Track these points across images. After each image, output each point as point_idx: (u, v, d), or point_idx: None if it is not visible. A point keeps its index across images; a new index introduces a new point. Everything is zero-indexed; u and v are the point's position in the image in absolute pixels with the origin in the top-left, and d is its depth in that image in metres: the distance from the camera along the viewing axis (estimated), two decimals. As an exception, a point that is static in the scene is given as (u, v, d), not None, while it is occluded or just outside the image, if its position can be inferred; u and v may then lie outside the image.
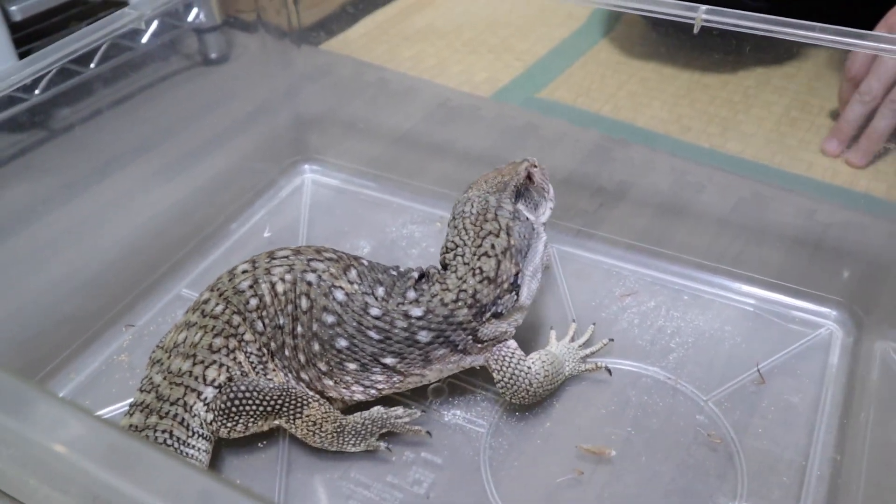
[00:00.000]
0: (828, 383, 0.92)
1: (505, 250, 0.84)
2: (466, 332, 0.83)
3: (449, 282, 0.84)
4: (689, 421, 0.88)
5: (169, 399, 0.82)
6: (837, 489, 0.81)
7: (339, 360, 0.83)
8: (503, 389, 0.86)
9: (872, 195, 1.09)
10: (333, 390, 0.84)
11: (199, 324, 0.86)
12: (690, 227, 1.13)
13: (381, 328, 0.82)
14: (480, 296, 0.83)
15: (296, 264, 0.86)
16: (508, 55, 1.57)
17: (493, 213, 0.86)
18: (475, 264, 0.83)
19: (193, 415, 0.82)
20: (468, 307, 0.82)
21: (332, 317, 0.82)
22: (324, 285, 0.84)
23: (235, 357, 0.84)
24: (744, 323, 1.00)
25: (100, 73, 1.04)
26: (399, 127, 1.32)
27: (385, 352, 0.82)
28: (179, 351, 0.84)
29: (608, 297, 1.04)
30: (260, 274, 0.86)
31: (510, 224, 0.85)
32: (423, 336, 0.82)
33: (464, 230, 0.86)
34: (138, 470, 0.49)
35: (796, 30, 0.87)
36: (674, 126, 1.29)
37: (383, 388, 0.85)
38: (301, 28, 1.30)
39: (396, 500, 0.82)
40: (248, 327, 0.85)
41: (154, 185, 1.15)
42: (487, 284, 0.83)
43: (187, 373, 0.83)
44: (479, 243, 0.84)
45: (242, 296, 0.86)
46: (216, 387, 0.82)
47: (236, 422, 0.82)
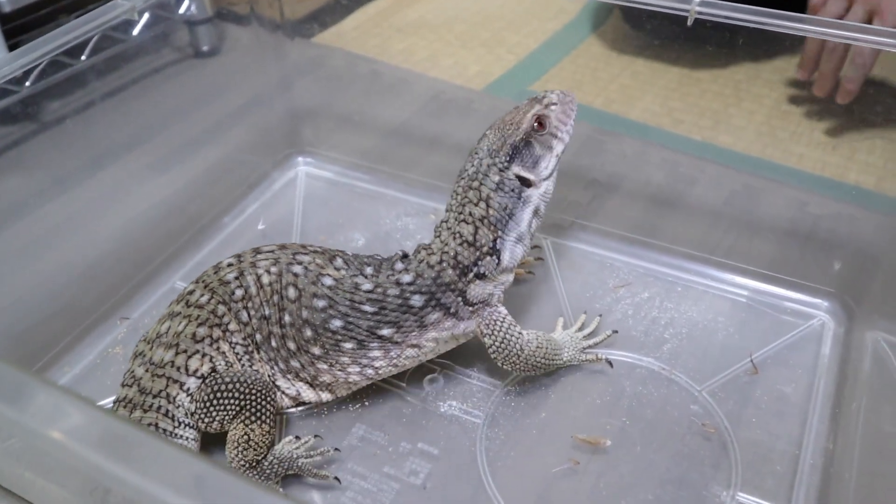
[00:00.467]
0: (820, 373, 0.93)
1: (482, 218, 0.86)
2: (455, 293, 0.85)
3: (434, 246, 0.87)
4: (684, 411, 0.89)
5: (151, 392, 0.81)
6: (830, 478, 0.82)
7: (334, 342, 0.83)
8: (495, 354, 0.87)
9: (862, 187, 1.10)
10: (328, 374, 0.85)
11: (182, 313, 0.85)
12: (683, 218, 1.14)
13: (374, 300, 0.83)
14: (461, 257, 0.85)
15: (281, 257, 0.87)
16: (500, 48, 1.57)
17: (479, 181, 0.87)
18: (455, 229, 0.86)
19: (177, 405, 0.81)
20: (451, 268, 0.84)
21: (323, 301, 0.83)
22: (311, 275, 0.85)
23: (219, 347, 0.84)
24: (737, 314, 1.01)
25: (91, 65, 1.03)
26: (392, 119, 1.32)
27: (381, 323, 0.83)
28: (162, 341, 0.84)
29: (602, 288, 1.05)
30: (245, 266, 0.87)
31: (490, 195, 0.86)
32: (416, 300, 0.83)
33: (455, 193, 0.89)
34: (136, 456, 0.49)
35: (790, 22, 0.88)
36: (666, 119, 1.30)
37: (381, 367, 0.86)
38: (293, 20, 1.29)
39: (393, 491, 0.82)
40: (232, 317, 0.85)
41: (147, 177, 1.15)
42: (467, 247, 0.85)
43: (170, 363, 0.82)
44: (461, 210, 0.87)
45: (228, 287, 0.86)
46: (199, 377, 0.82)
47: (213, 417, 0.81)
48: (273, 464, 0.80)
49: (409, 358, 0.87)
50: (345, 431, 0.88)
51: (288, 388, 0.87)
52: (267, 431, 0.80)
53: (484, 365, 0.94)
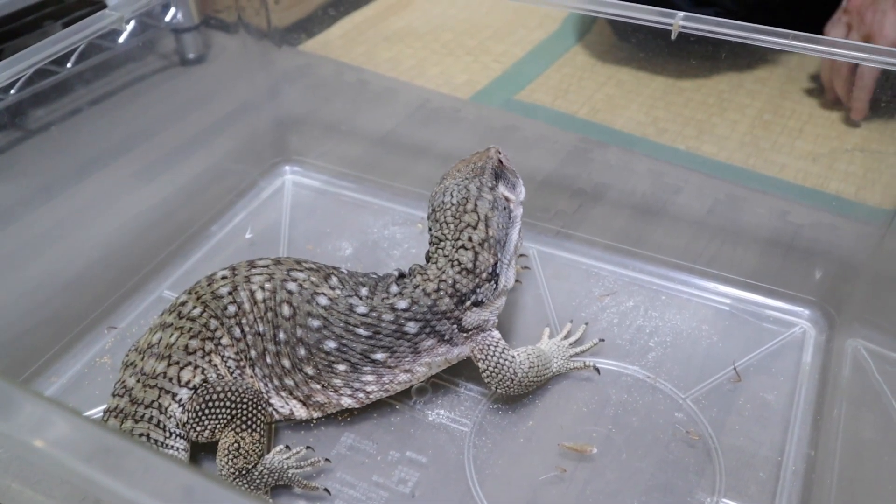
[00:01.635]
0: (801, 381, 0.94)
1: (482, 241, 0.85)
2: (451, 321, 0.85)
3: (430, 272, 0.86)
4: (668, 418, 0.90)
5: (143, 402, 0.81)
6: (812, 483, 0.84)
7: (327, 363, 0.83)
8: (488, 379, 0.88)
9: (842, 197, 1.11)
10: (321, 394, 0.85)
11: (175, 325, 0.85)
12: (667, 227, 1.15)
13: (369, 324, 0.83)
14: (460, 286, 0.84)
15: (276, 273, 0.87)
16: (487, 57, 1.58)
17: (473, 203, 0.87)
18: (454, 256, 0.85)
19: (169, 416, 0.81)
20: (449, 296, 0.84)
21: (318, 321, 0.83)
22: (305, 293, 0.84)
23: (211, 360, 0.84)
24: (720, 322, 1.02)
25: (77, 72, 1.03)
26: (379, 128, 1.33)
27: (375, 347, 0.83)
28: (154, 352, 0.84)
29: (587, 297, 1.06)
30: (239, 281, 0.87)
31: (489, 215, 0.86)
32: (410, 327, 0.83)
33: (444, 224, 0.87)
34: (125, 467, 0.50)
35: (771, 37, 0.89)
36: (650, 128, 1.32)
37: (372, 391, 0.86)
38: (280, 28, 1.30)
39: (382, 499, 0.83)
40: (225, 332, 0.85)
41: (134, 186, 1.14)
42: (466, 275, 0.85)
43: (161, 374, 0.82)
44: (458, 236, 0.86)
45: (220, 301, 0.86)
46: (191, 388, 0.82)
47: (205, 426, 0.81)
48: (263, 474, 0.81)
49: (401, 384, 0.87)
50: (334, 441, 0.88)
51: (282, 406, 0.87)
52: (257, 440, 0.81)
53: (472, 374, 0.94)
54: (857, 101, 1.07)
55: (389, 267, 1.10)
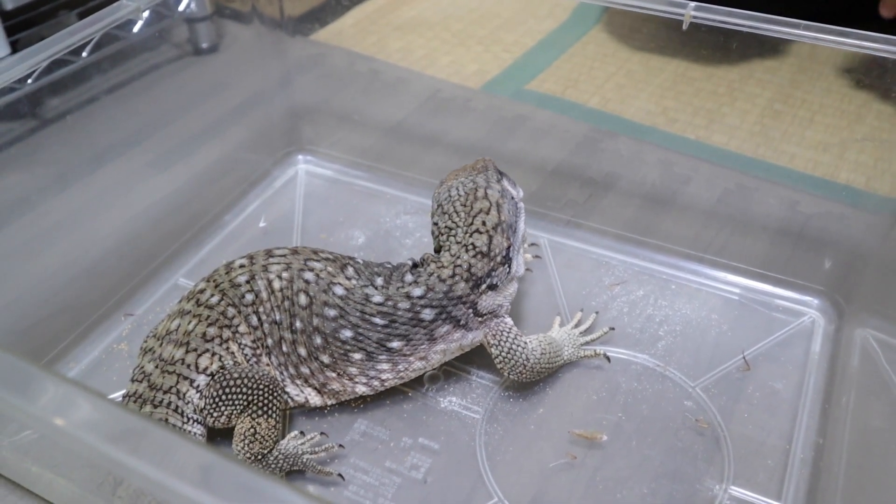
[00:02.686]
0: (810, 370, 0.95)
1: (496, 226, 0.87)
2: (466, 305, 0.86)
3: (444, 259, 0.87)
4: (678, 406, 0.91)
5: (162, 388, 0.83)
6: (820, 472, 0.85)
7: (343, 352, 0.85)
8: (501, 364, 0.89)
9: (853, 187, 1.12)
10: (336, 382, 0.86)
11: (193, 312, 0.87)
12: (677, 217, 1.16)
13: (385, 313, 0.84)
14: (475, 269, 0.86)
15: (293, 263, 0.88)
16: (497, 47, 1.58)
17: (483, 191, 0.89)
18: (467, 241, 0.87)
19: (187, 402, 0.83)
20: (465, 280, 0.85)
21: (334, 310, 0.84)
22: (322, 283, 0.86)
23: (228, 347, 0.85)
24: (729, 311, 1.03)
25: (91, 62, 1.04)
26: (391, 118, 1.34)
27: (391, 336, 0.85)
28: (172, 339, 0.86)
29: (598, 286, 1.07)
30: (257, 270, 0.88)
31: (500, 201, 0.89)
32: (426, 314, 0.85)
33: (455, 213, 0.89)
34: (146, 447, 0.51)
35: (782, 27, 0.90)
36: (660, 118, 1.32)
37: (387, 379, 0.87)
38: (293, 18, 1.30)
39: (395, 485, 0.84)
40: (242, 320, 0.87)
41: (149, 175, 1.16)
42: (481, 258, 0.86)
43: (180, 360, 0.84)
44: (471, 221, 0.87)
45: (238, 290, 0.87)
46: (209, 374, 0.84)
47: (221, 412, 0.82)
48: (278, 459, 0.82)
49: (416, 371, 0.88)
50: (347, 427, 0.90)
51: (297, 394, 0.88)
52: (273, 426, 0.82)
53: (483, 362, 0.96)
54: None
55: (402, 255, 1.11)
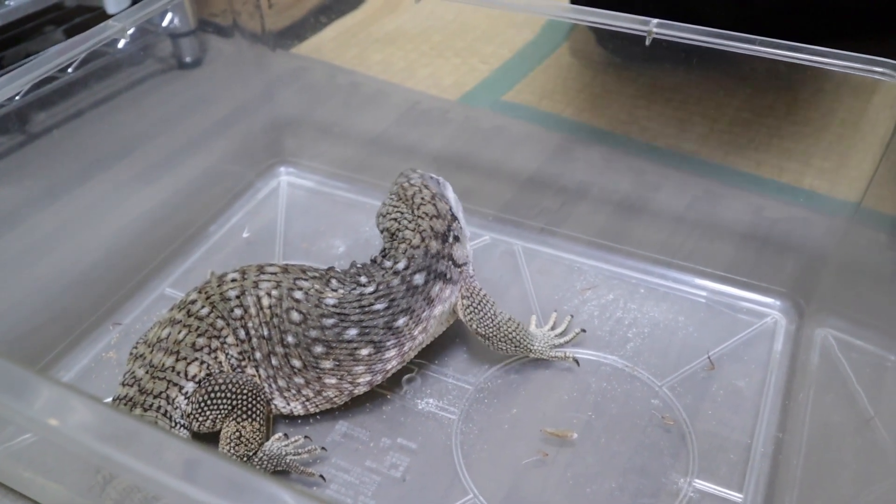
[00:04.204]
0: (772, 368, 0.99)
1: (433, 196, 0.96)
2: (445, 258, 0.92)
3: (406, 234, 0.93)
4: (645, 405, 0.95)
5: (152, 392, 0.86)
6: (779, 465, 0.89)
7: (349, 352, 0.88)
8: (470, 314, 0.94)
9: (815, 192, 1.16)
10: (334, 388, 0.90)
11: (183, 322, 0.90)
12: (647, 223, 1.20)
13: (383, 295, 0.89)
14: (437, 227, 0.93)
15: (283, 281, 0.91)
16: (474, 59, 1.62)
17: (407, 181, 0.99)
18: (418, 212, 0.94)
19: (175, 407, 0.86)
20: (433, 238, 0.92)
21: (332, 319, 0.88)
22: (312, 299, 0.89)
23: (216, 357, 0.89)
24: (696, 314, 1.07)
25: (77, 78, 1.06)
26: (371, 129, 1.37)
27: (395, 314, 0.89)
28: (162, 346, 0.89)
29: (570, 290, 1.11)
30: (248, 286, 0.91)
31: (425, 182, 0.98)
32: (418, 279, 0.90)
33: (394, 207, 0.97)
34: (136, 445, 0.54)
35: (739, 43, 0.94)
36: (632, 127, 1.36)
37: (392, 367, 0.92)
38: (274, 32, 1.34)
39: (375, 483, 0.87)
40: (230, 332, 0.90)
41: (135, 187, 1.19)
42: (437, 219, 0.94)
43: (170, 368, 0.87)
44: (412, 201, 0.96)
45: (228, 304, 0.90)
46: (196, 382, 0.87)
47: (206, 416, 0.85)
48: (262, 460, 0.86)
49: (418, 347, 0.93)
50: (329, 429, 0.93)
51: (283, 406, 0.91)
52: (257, 429, 0.86)
53: (459, 365, 1.00)
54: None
55: (381, 264, 1.14)
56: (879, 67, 0.90)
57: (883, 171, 0.91)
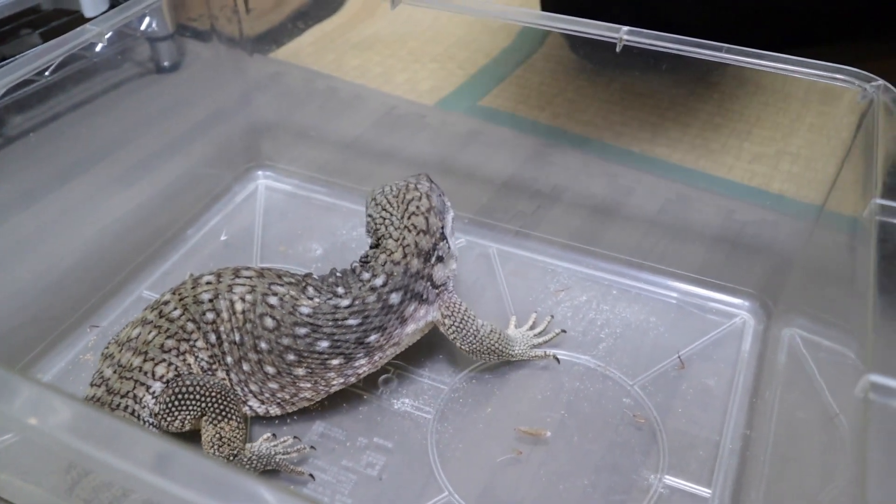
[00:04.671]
0: (740, 367, 1.02)
1: (429, 209, 0.94)
2: (424, 279, 0.92)
3: (389, 246, 0.92)
4: (617, 404, 0.97)
5: (119, 392, 0.86)
6: (747, 461, 0.91)
7: (321, 362, 0.89)
8: (454, 334, 0.95)
9: (783, 195, 1.19)
10: (310, 390, 0.91)
11: (154, 323, 0.90)
12: (620, 226, 1.22)
13: (357, 311, 0.89)
14: (421, 245, 0.92)
15: (258, 286, 0.91)
16: (451, 64, 1.63)
17: (414, 185, 0.96)
18: (407, 223, 0.93)
19: (143, 406, 0.87)
20: (416, 256, 0.91)
21: (305, 328, 0.88)
22: (287, 305, 0.89)
23: (185, 359, 0.89)
24: (667, 314, 1.10)
25: (54, 81, 1.06)
26: (348, 134, 1.39)
27: (367, 331, 0.89)
28: (131, 346, 0.89)
29: (544, 292, 1.13)
30: (222, 290, 0.91)
31: (429, 192, 0.96)
32: (394, 298, 0.90)
33: (388, 203, 0.95)
34: (109, 440, 0.55)
35: (706, 50, 0.97)
36: (607, 132, 1.38)
37: (364, 372, 0.92)
38: (252, 37, 1.35)
39: (351, 482, 0.89)
40: (201, 335, 0.90)
41: (113, 190, 1.19)
42: (423, 235, 0.92)
43: (137, 368, 0.87)
44: (405, 208, 0.94)
45: (201, 307, 0.90)
46: (164, 382, 0.87)
47: (175, 417, 0.86)
48: (252, 459, 0.87)
49: (389, 356, 0.94)
50: (306, 429, 0.94)
51: (259, 407, 0.92)
52: (236, 427, 0.86)
53: (434, 365, 1.01)
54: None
55: (358, 266, 1.16)
56: (841, 75, 0.92)
57: (844, 175, 0.94)
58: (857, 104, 0.91)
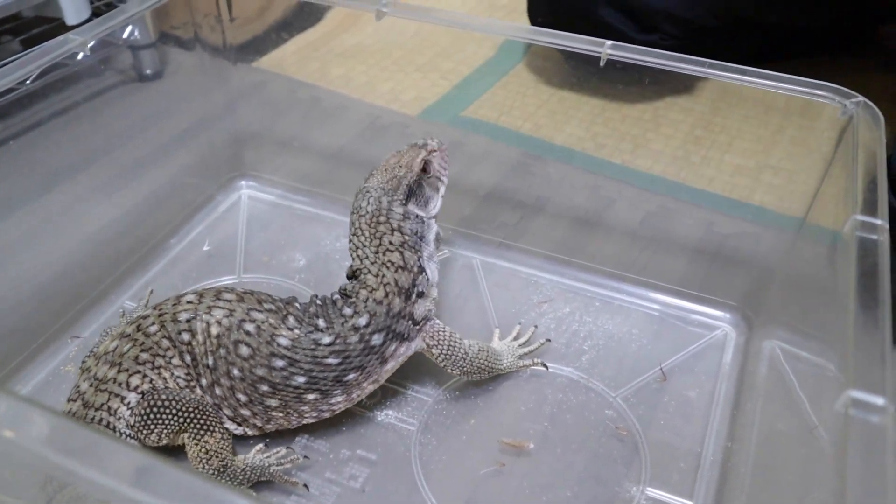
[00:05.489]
0: (722, 379, 1.03)
1: (402, 243, 0.92)
2: (406, 318, 0.91)
3: (370, 282, 0.91)
4: (600, 415, 0.98)
5: (94, 405, 0.85)
6: (728, 472, 0.92)
7: (296, 395, 0.87)
8: (444, 362, 0.94)
9: (765, 208, 1.20)
10: (283, 419, 0.90)
11: (131, 336, 0.89)
12: (602, 238, 1.23)
13: (338, 351, 0.87)
14: (402, 283, 0.90)
15: (236, 311, 0.89)
16: (435, 74, 1.64)
17: (385, 215, 0.93)
18: (383, 259, 0.91)
19: (118, 418, 0.86)
20: (398, 296, 0.90)
21: (282, 361, 0.86)
22: (264, 335, 0.87)
23: (160, 373, 0.88)
24: (649, 326, 1.10)
25: (35, 89, 1.05)
26: (331, 144, 1.39)
27: (347, 370, 0.88)
28: (108, 359, 0.88)
29: (527, 303, 1.13)
30: (201, 311, 0.89)
31: (401, 224, 0.93)
32: (376, 339, 0.89)
33: (360, 230, 0.93)
34: (86, 452, 0.54)
35: (689, 64, 0.98)
36: (589, 143, 1.39)
37: (340, 408, 0.91)
38: (236, 46, 1.34)
39: (334, 494, 0.88)
40: (176, 353, 0.88)
41: (95, 200, 1.18)
42: (402, 272, 0.91)
43: (112, 379, 0.86)
44: (378, 242, 0.92)
45: (178, 325, 0.89)
46: (139, 393, 0.86)
47: (151, 430, 0.85)
48: (245, 470, 0.86)
49: (367, 392, 0.93)
50: (288, 441, 0.94)
51: (235, 429, 0.91)
52: (220, 438, 0.86)
53: (418, 376, 1.01)
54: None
55: (341, 277, 1.16)
56: (821, 91, 0.93)
57: (825, 189, 0.95)
58: (837, 120, 0.92)
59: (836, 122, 0.93)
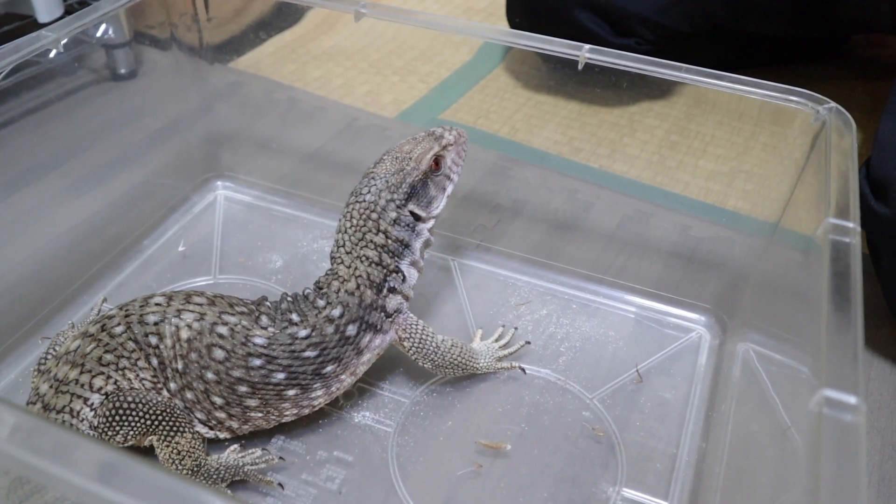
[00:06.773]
0: (697, 381, 1.04)
1: (382, 246, 0.92)
2: (377, 310, 0.91)
3: (341, 273, 0.91)
4: (577, 417, 0.98)
5: (55, 408, 0.83)
6: (702, 472, 0.92)
7: (276, 393, 0.87)
8: (416, 354, 0.94)
9: (738, 213, 1.21)
10: (262, 420, 0.89)
11: (95, 336, 0.87)
12: (579, 241, 1.23)
13: (314, 344, 0.87)
14: (374, 277, 0.91)
15: (207, 314, 0.87)
16: (413, 77, 1.65)
17: (378, 213, 0.92)
18: (359, 253, 0.91)
19: (81, 419, 0.83)
20: (369, 287, 0.90)
21: (260, 360, 0.85)
22: (238, 336, 0.86)
23: (125, 375, 0.86)
24: (625, 328, 1.11)
25: (5, 86, 1.04)
26: (308, 145, 1.38)
27: (324, 363, 0.87)
28: (69, 359, 0.86)
29: (504, 306, 1.13)
30: (170, 314, 0.87)
31: (388, 228, 0.92)
32: (351, 330, 0.89)
33: (351, 214, 0.93)
34: (51, 449, 0.54)
35: (665, 69, 0.98)
36: (566, 147, 1.40)
37: (319, 403, 0.91)
38: (212, 45, 1.33)
39: (311, 496, 0.88)
40: (142, 356, 0.87)
41: (67, 199, 1.17)
42: (375, 267, 0.91)
43: (74, 380, 0.84)
44: (361, 235, 0.91)
45: (145, 328, 0.86)
46: (103, 394, 0.84)
47: (116, 431, 0.83)
48: (220, 469, 0.85)
49: (346, 386, 0.92)
50: (264, 442, 0.93)
51: (206, 432, 0.90)
52: (191, 438, 0.85)
53: (395, 378, 1.01)
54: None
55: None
56: (794, 97, 0.95)
57: (798, 194, 0.96)
58: (810, 125, 0.93)
59: (808, 127, 0.94)
